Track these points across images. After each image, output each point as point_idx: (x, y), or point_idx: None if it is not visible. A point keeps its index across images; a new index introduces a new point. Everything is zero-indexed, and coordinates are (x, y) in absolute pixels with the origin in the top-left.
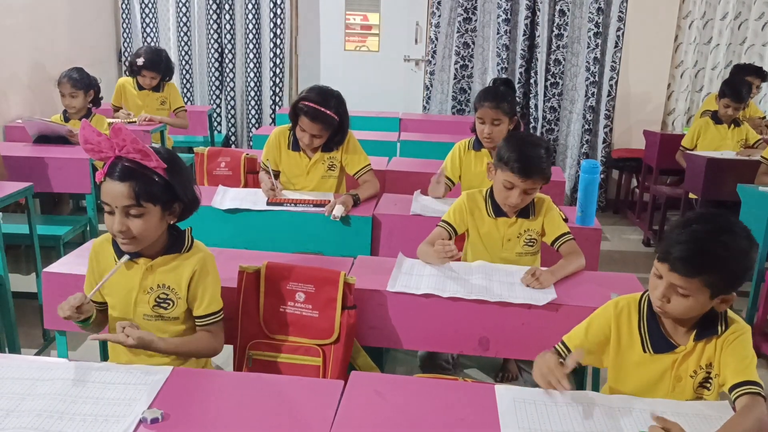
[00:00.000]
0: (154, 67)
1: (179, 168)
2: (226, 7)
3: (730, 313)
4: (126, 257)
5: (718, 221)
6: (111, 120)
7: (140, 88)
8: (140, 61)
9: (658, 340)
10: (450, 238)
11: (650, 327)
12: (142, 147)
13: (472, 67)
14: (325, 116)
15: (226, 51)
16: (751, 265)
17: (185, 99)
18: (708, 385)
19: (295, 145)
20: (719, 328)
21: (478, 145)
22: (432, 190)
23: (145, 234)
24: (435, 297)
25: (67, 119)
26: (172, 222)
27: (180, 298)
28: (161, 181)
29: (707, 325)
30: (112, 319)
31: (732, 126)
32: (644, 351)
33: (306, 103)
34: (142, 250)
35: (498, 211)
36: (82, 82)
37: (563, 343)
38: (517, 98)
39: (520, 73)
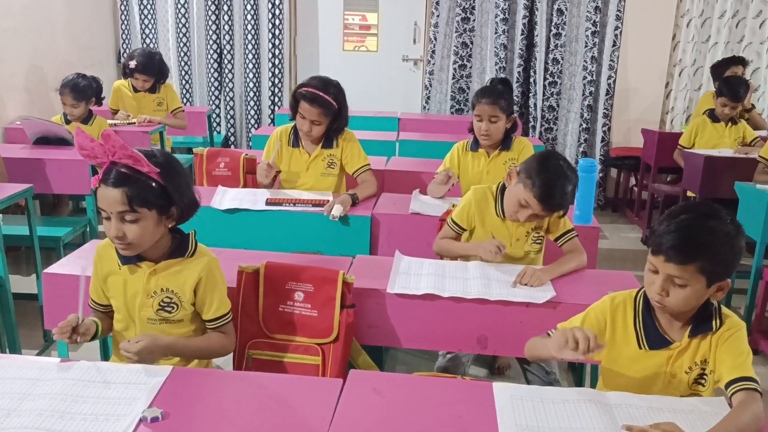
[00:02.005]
0: (146, 70)
1: (175, 171)
2: (225, 8)
3: (724, 309)
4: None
5: (702, 209)
6: (111, 121)
7: (135, 90)
8: (132, 63)
9: (654, 336)
10: (458, 237)
11: (645, 323)
12: (132, 153)
13: (470, 67)
14: (323, 100)
15: (225, 52)
16: (740, 249)
17: (184, 100)
18: (703, 381)
19: (296, 142)
20: (714, 324)
21: (475, 146)
22: (433, 191)
23: (141, 239)
24: (434, 296)
25: (68, 121)
26: (170, 225)
27: (184, 302)
28: (156, 185)
29: (702, 321)
30: (116, 321)
31: (729, 124)
32: (639, 347)
33: (306, 88)
34: (145, 254)
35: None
36: (84, 93)
37: None
38: (514, 98)
39: (519, 73)
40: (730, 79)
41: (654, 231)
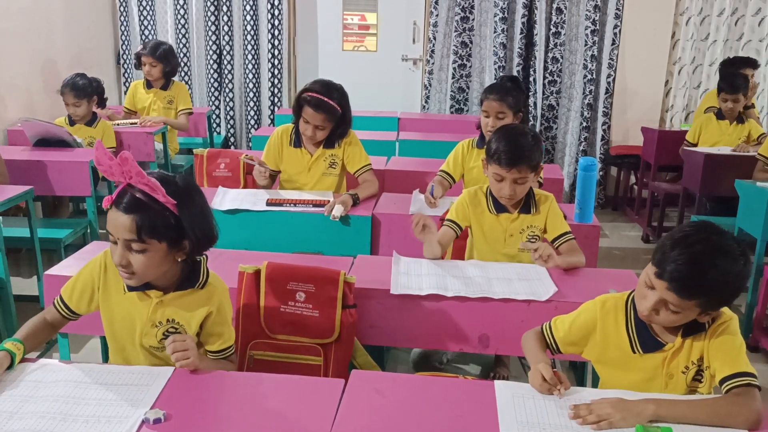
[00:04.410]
0: (152, 52)
1: (193, 203)
2: (224, 8)
3: None
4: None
5: (717, 242)
6: (115, 122)
7: (149, 87)
8: (140, 48)
9: (647, 340)
10: (456, 236)
11: (638, 327)
12: (148, 181)
13: (470, 66)
14: (328, 106)
15: (225, 52)
16: (742, 286)
17: None
18: (699, 377)
19: (297, 142)
20: (706, 324)
21: (482, 143)
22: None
23: (146, 271)
24: (435, 295)
25: (72, 123)
26: (180, 259)
27: (189, 333)
28: (171, 216)
29: (695, 323)
30: (110, 341)
31: (735, 122)
32: (633, 351)
33: (310, 93)
34: (153, 282)
35: (499, 207)
36: (84, 91)
37: (550, 329)
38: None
39: (518, 72)
40: (726, 74)
41: (664, 251)
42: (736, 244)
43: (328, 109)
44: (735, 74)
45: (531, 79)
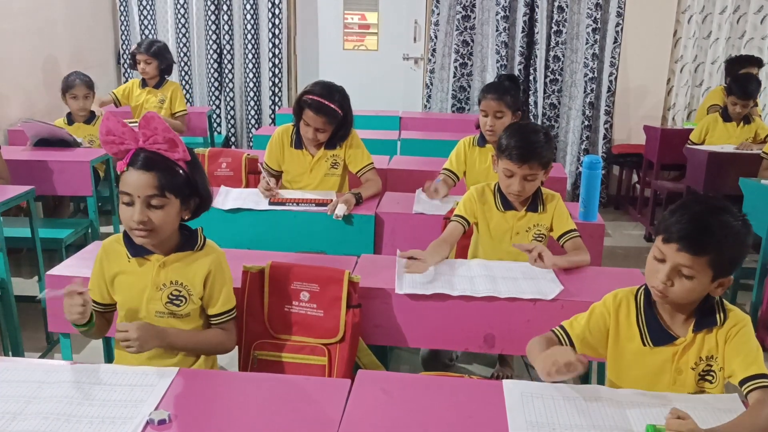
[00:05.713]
0: (146, 49)
1: (198, 162)
2: (224, 8)
3: (726, 303)
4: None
5: (714, 202)
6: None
7: (144, 85)
8: (135, 47)
9: (657, 333)
10: (464, 231)
11: (648, 320)
12: (172, 136)
13: (471, 65)
14: (329, 109)
15: (225, 51)
16: (747, 247)
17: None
18: (710, 378)
19: (298, 143)
20: (718, 317)
21: (482, 141)
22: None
23: (163, 226)
24: (440, 295)
25: (71, 122)
26: (186, 218)
27: (192, 295)
28: (183, 173)
29: (705, 315)
30: (121, 319)
31: (741, 124)
32: (644, 344)
33: (310, 96)
34: (155, 247)
35: (506, 205)
36: (91, 83)
37: (563, 329)
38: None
39: (519, 70)
40: (739, 77)
41: (666, 219)
42: (734, 207)
43: (329, 112)
44: (749, 79)
45: (532, 77)
